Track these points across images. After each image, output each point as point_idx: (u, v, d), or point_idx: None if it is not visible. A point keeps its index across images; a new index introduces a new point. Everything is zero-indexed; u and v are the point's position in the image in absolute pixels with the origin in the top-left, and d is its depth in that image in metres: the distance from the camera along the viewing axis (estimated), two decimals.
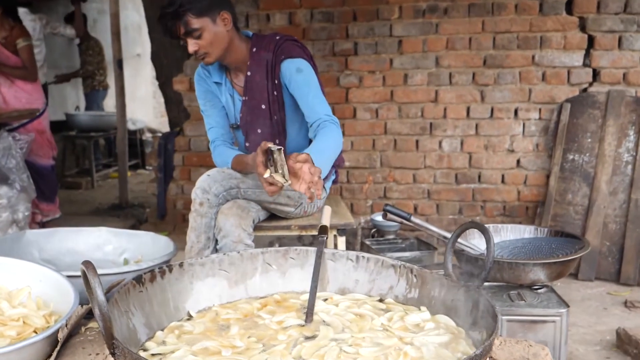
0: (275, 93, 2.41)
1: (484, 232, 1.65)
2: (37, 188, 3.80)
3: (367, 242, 3.19)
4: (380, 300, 1.80)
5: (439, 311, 1.68)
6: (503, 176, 4.41)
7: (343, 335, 1.55)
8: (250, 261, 1.86)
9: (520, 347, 1.40)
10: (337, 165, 2.64)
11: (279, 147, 2.10)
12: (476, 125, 4.41)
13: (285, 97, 2.44)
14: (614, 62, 4.13)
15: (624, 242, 3.87)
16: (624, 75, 4.14)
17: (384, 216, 2.35)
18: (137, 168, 8.54)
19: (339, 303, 1.76)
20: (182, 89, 4.92)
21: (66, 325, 1.36)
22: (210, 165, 5.05)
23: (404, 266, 1.81)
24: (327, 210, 2.07)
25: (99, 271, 1.96)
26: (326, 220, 2.00)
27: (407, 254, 2.98)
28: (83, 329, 1.47)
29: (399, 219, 2.35)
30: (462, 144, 4.45)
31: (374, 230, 3.91)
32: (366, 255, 1.88)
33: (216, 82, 2.53)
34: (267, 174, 2.06)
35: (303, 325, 1.62)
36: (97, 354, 1.30)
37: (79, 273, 1.93)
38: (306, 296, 1.83)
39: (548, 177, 4.25)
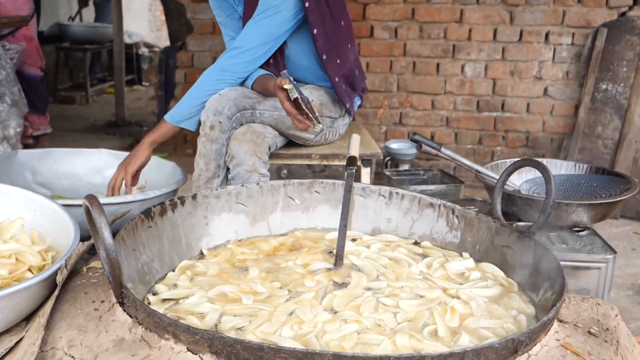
0: None
1: (543, 170, 1.44)
2: (27, 99, 3.54)
3: (387, 173, 2.99)
4: (416, 243, 1.61)
5: (485, 259, 1.49)
6: (528, 105, 4.16)
7: (378, 283, 1.37)
8: (270, 194, 1.66)
9: (587, 306, 1.21)
10: (361, 91, 2.40)
11: (296, 96, 1.87)
12: (502, 49, 4.11)
13: None
14: None
15: None
16: None
17: (419, 148, 2.14)
18: (133, 84, 8.19)
19: (370, 244, 1.58)
20: (185, 0, 4.60)
21: (65, 266, 1.17)
22: None
23: (444, 205, 1.61)
24: (356, 139, 1.86)
25: (101, 200, 1.77)
26: (354, 151, 1.79)
27: (432, 187, 2.78)
28: (84, 268, 1.28)
29: (432, 150, 2.13)
30: (486, 69, 4.17)
31: (387, 158, 3.69)
32: (400, 191, 1.68)
33: None
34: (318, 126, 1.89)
35: (331, 270, 1.43)
36: (102, 301, 1.11)
37: (78, 202, 1.74)
38: (332, 235, 1.64)
39: (577, 107, 4.00)
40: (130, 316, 1.06)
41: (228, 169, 2.05)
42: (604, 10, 3.90)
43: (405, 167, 3.86)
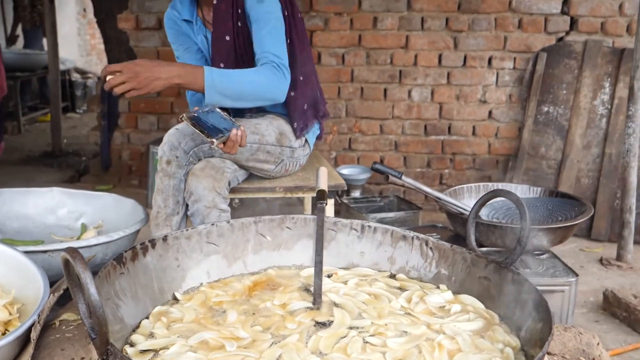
0: (239, 24, 2.13)
1: (517, 203, 1.45)
2: None
3: (345, 201, 2.99)
4: (391, 276, 1.60)
5: (461, 290, 1.50)
6: (474, 128, 4.26)
7: (362, 321, 1.35)
8: (241, 232, 1.62)
9: (570, 336, 1.23)
10: (322, 116, 2.39)
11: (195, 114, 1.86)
12: (448, 74, 4.21)
13: (251, 30, 2.16)
14: (592, 10, 3.97)
15: (596, 198, 3.80)
16: (602, 24, 3.99)
17: (386, 178, 2.14)
18: (67, 111, 7.99)
19: (347, 280, 1.56)
20: (127, 27, 4.52)
21: (38, 321, 1.10)
22: (160, 112, 4.72)
23: (417, 237, 1.61)
24: (323, 172, 1.84)
25: (55, 245, 1.68)
26: (323, 184, 1.77)
27: (390, 214, 2.79)
28: (57, 322, 1.21)
29: (398, 181, 2.14)
30: (432, 93, 4.25)
31: None
32: (373, 224, 1.67)
33: (187, 21, 2.22)
34: (215, 143, 1.84)
35: (312, 309, 1.41)
36: (82, 358, 1.05)
37: (41, 248, 1.66)
38: (307, 272, 1.61)
39: (520, 129, 4.12)
40: None
41: (187, 205, 2.00)
42: (543, 36, 4.05)
43: (357, 192, 3.88)
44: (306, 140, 2.33)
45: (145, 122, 4.65)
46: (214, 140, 1.84)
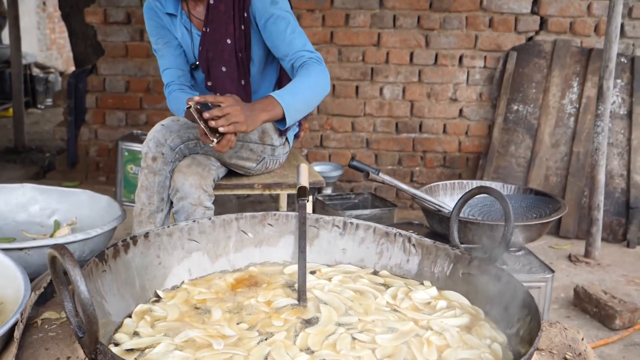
0: (242, 27, 2.10)
1: (501, 198, 1.47)
2: None
3: (320, 198, 2.98)
4: (374, 273, 1.60)
5: (445, 287, 1.50)
6: (445, 126, 4.29)
7: (349, 318, 1.34)
8: (223, 229, 1.60)
9: (556, 331, 1.24)
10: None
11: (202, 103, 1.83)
12: (419, 72, 4.23)
13: (253, 33, 2.13)
14: (561, 10, 4.04)
15: (564, 195, 3.86)
16: (571, 24, 4.06)
17: (366, 176, 2.13)
18: (28, 107, 7.81)
19: (331, 277, 1.55)
20: (95, 21, 4.43)
21: (21, 320, 1.07)
22: (129, 108, 4.65)
23: (399, 234, 1.61)
24: (304, 168, 1.82)
25: (33, 243, 1.64)
26: (304, 181, 1.75)
27: (366, 211, 2.79)
28: (39, 320, 1.18)
29: (378, 177, 2.14)
30: (404, 91, 4.27)
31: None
32: (355, 221, 1.66)
33: (169, 14, 2.17)
34: (213, 142, 1.80)
35: (297, 306, 1.39)
36: (68, 357, 1.02)
37: (17, 245, 1.61)
38: (290, 268, 1.60)
39: (490, 127, 4.16)
40: None
41: (172, 202, 1.97)
42: (513, 35, 4.10)
43: (329, 190, 3.88)
44: (286, 139, 2.31)
45: (113, 118, 4.57)
46: (214, 140, 1.82)
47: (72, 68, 8.76)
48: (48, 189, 2.15)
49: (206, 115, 1.78)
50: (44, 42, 10.24)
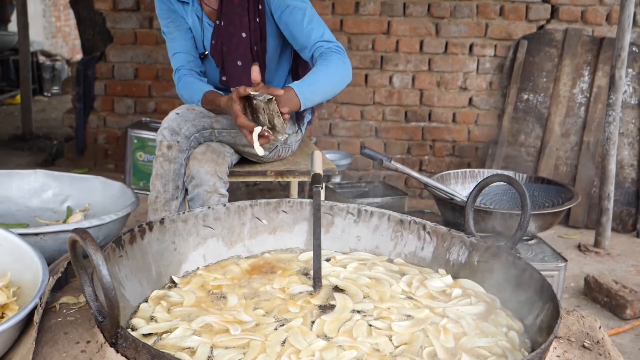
0: (257, 20, 2.09)
1: (517, 186, 1.46)
2: None
3: (331, 187, 2.98)
4: (389, 260, 1.60)
5: (460, 275, 1.50)
6: (454, 115, 4.27)
7: (364, 305, 1.34)
8: (237, 216, 1.60)
9: (573, 319, 1.24)
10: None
11: (269, 97, 1.82)
12: (429, 61, 4.21)
13: (268, 25, 2.12)
14: None
15: (574, 185, 3.85)
16: (582, 13, 4.03)
17: (380, 163, 2.13)
18: (35, 94, 7.82)
19: (346, 264, 1.55)
20: (104, 8, 4.42)
21: (40, 304, 1.07)
22: (138, 95, 4.64)
23: (414, 222, 1.61)
24: (318, 155, 1.83)
25: (48, 228, 1.64)
26: (318, 168, 1.76)
27: (377, 199, 2.79)
28: (57, 305, 1.18)
29: (391, 165, 2.13)
30: (413, 80, 4.25)
31: None
32: (370, 209, 1.67)
33: (182, 1, 2.15)
34: (257, 130, 1.81)
35: (312, 293, 1.40)
36: (88, 341, 1.03)
37: (35, 230, 1.61)
38: (305, 255, 1.60)
39: (500, 117, 4.14)
40: (127, 358, 0.98)
41: (186, 190, 1.97)
42: (524, 23, 4.07)
43: (337, 178, 3.87)
44: (299, 127, 2.31)
45: (122, 105, 4.57)
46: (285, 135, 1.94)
47: (78, 56, 8.76)
48: (60, 175, 2.16)
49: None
50: (49, 29, 10.21)
